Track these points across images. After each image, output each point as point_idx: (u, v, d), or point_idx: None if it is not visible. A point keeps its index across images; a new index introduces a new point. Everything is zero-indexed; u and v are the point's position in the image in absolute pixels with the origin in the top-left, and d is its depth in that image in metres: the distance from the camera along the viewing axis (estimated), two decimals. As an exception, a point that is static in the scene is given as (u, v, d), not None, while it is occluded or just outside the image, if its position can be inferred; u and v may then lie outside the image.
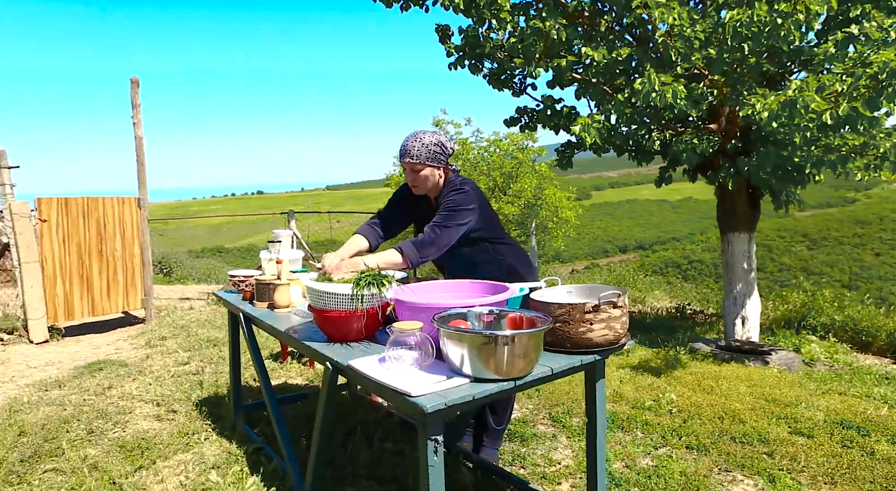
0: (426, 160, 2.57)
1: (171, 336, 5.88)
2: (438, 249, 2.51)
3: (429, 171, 2.60)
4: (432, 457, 1.70)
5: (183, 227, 69.47)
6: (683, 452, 3.09)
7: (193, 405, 3.71)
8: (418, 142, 2.57)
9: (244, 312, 2.90)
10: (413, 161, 2.57)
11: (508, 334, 1.74)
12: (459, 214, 2.56)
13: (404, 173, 2.66)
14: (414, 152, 2.56)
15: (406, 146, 2.58)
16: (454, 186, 2.64)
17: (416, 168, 2.59)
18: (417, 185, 2.65)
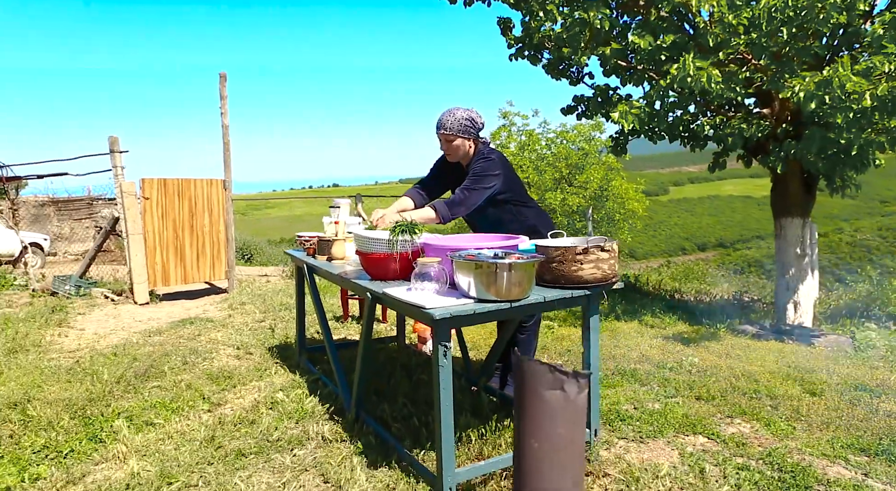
0: (458, 132, 3.00)
1: (249, 302, 6.64)
2: (466, 209, 2.97)
3: (460, 142, 3.03)
4: (442, 359, 2.16)
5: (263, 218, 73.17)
6: (691, 401, 3.40)
7: (266, 349, 4.36)
8: (451, 116, 3.00)
9: (308, 264, 3.48)
10: (447, 132, 3.01)
11: (507, 263, 2.17)
12: (485, 179, 3.00)
13: (440, 144, 3.11)
14: (448, 125, 3.00)
15: (441, 120, 3.02)
16: (482, 155, 3.06)
17: (449, 138, 3.02)
18: (451, 153, 3.09)
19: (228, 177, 7.67)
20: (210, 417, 3.06)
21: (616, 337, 4.98)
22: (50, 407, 3.13)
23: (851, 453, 2.71)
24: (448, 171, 3.28)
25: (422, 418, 2.92)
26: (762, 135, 6.18)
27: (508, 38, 7.93)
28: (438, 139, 3.10)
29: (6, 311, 6.08)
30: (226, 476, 2.43)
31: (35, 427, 2.91)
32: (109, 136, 7.11)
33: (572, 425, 0.99)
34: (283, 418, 2.99)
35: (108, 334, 5.15)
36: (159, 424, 2.95)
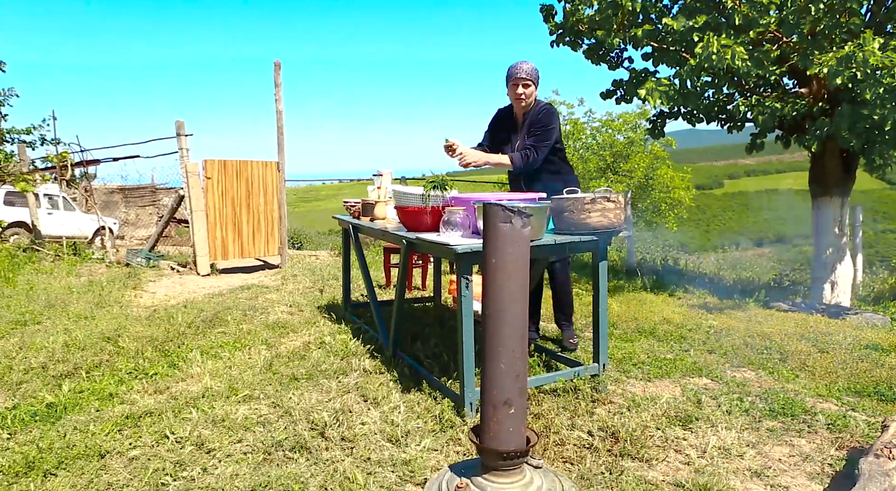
0: (534, 78, 3.35)
1: (301, 274, 7.18)
2: (535, 163, 3.36)
3: (533, 88, 3.37)
4: (464, 290, 2.53)
5: (313, 210, 75.20)
6: (703, 354, 3.65)
7: (316, 307, 4.83)
8: (527, 64, 3.36)
9: (353, 224, 3.90)
10: (525, 78, 3.32)
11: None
12: (551, 133, 3.38)
13: (511, 92, 3.39)
14: (526, 70, 3.33)
15: (518, 67, 3.34)
16: (543, 106, 3.42)
17: (526, 83, 3.33)
18: (524, 98, 3.36)
19: (282, 159, 8.23)
20: (268, 352, 3.53)
21: (643, 304, 5.22)
22: (136, 341, 3.67)
23: (846, 395, 2.94)
24: (500, 129, 3.60)
25: (450, 355, 3.30)
26: (797, 113, 6.25)
27: (550, 24, 8.17)
28: (513, 86, 3.37)
29: (90, 277, 6.80)
30: (281, 392, 2.87)
31: (125, 355, 3.45)
32: (176, 121, 7.77)
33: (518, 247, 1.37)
34: (330, 355, 3.43)
35: (177, 296, 5.75)
36: (226, 357, 3.44)
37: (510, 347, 1.43)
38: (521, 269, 1.42)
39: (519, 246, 1.37)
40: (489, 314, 1.47)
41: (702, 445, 2.33)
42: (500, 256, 1.39)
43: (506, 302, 1.44)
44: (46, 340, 3.69)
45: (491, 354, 1.50)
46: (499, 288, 1.44)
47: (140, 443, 2.32)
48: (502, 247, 1.38)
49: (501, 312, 1.45)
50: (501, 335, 1.43)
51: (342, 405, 2.71)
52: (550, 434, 2.40)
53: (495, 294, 1.46)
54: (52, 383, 3.03)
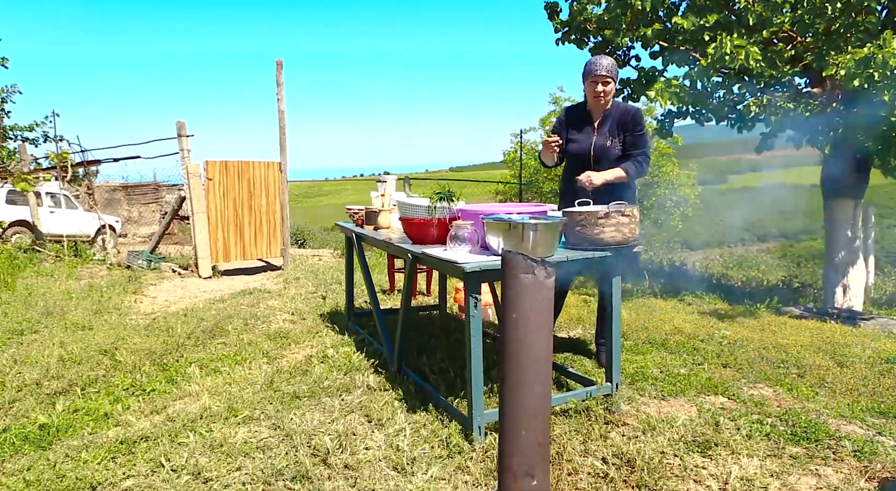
0: (614, 75, 3.13)
1: (303, 277, 7.08)
2: (646, 171, 3.25)
3: (612, 85, 3.15)
4: (472, 310, 2.42)
5: (316, 206, 75.09)
6: (717, 368, 3.53)
7: (318, 315, 4.73)
8: (605, 60, 3.11)
9: (356, 233, 3.79)
10: (605, 75, 3.09)
11: (531, 223, 2.40)
12: (646, 138, 3.24)
13: (589, 89, 3.17)
14: (607, 66, 3.09)
15: (597, 63, 3.10)
16: (630, 106, 3.27)
17: (607, 81, 3.11)
18: (604, 96, 3.14)
19: (284, 160, 8.11)
20: (269, 367, 3.42)
21: (652, 312, 5.10)
22: (134, 354, 3.57)
23: (870, 416, 2.81)
24: (573, 129, 3.32)
25: (457, 371, 3.19)
26: (809, 114, 6.11)
27: (555, 22, 8.03)
28: (591, 84, 3.14)
29: (90, 281, 6.71)
30: (282, 413, 2.77)
31: (122, 370, 3.35)
32: (177, 121, 7.66)
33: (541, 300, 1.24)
34: (333, 370, 3.32)
35: (178, 301, 5.65)
36: (225, 371, 3.34)
37: (533, 412, 1.30)
38: (545, 323, 1.28)
39: (543, 299, 1.23)
40: (508, 373, 1.32)
41: (723, 474, 2.21)
42: (521, 311, 1.25)
43: (528, 360, 1.29)
44: (41, 353, 3.59)
45: (510, 419, 1.35)
46: (519, 345, 1.29)
47: (134, 472, 2.21)
48: (524, 300, 1.24)
49: (523, 372, 1.32)
50: (523, 399, 1.31)
51: (345, 427, 2.61)
52: (563, 463, 2.29)
53: (516, 352, 1.31)
54: (46, 402, 2.93)
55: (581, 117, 3.30)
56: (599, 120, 3.24)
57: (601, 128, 3.22)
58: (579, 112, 3.32)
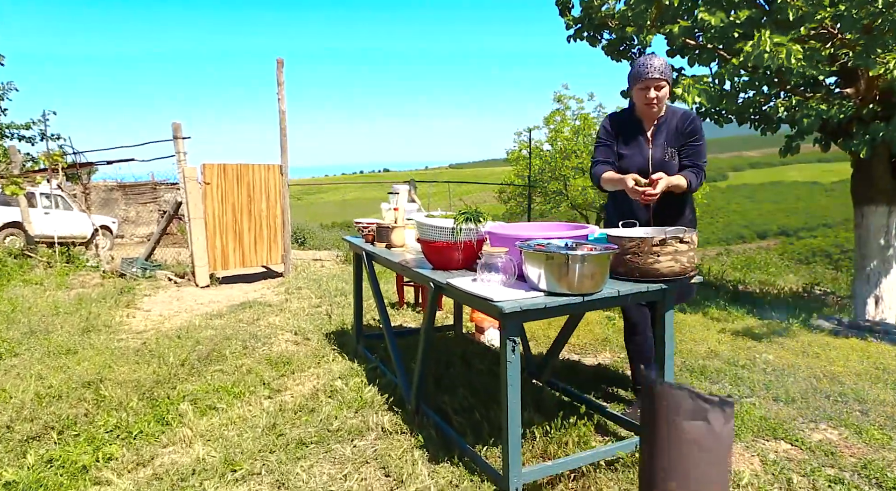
0: (669, 77, 2.65)
1: (305, 286, 6.72)
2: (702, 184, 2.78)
3: (667, 89, 2.67)
4: (510, 354, 2.06)
5: (316, 203, 74.65)
6: (769, 402, 3.18)
7: (323, 335, 4.37)
8: (656, 59, 2.63)
9: (366, 251, 3.43)
10: (660, 77, 2.62)
11: (579, 255, 2.04)
12: (705, 148, 2.79)
13: (639, 96, 2.71)
14: (661, 68, 2.61)
15: (648, 64, 2.62)
16: (686, 112, 2.79)
17: (660, 84, 2.64)
18: (658, 102, 2.68)
19: (285, 162, 7.75)
20: (271, 403, 3.07)
21: (680, 330, 4.75)
22: (120, 387, 3.21)
23: (957, 467, 2.46)
24: (621, 140, 2.84)
25: (483, 411, 2.84)
26: (843, 116, 5.74)
27: (567, 18, 7.65)
28: (642, 89, 2.68)
29: (80, 291, 6.35)
30: (287, 465, 2.42)
31: (107, 407, 2.99)
32: (173, 123, 7.29)
33: (716, 464, 0.85)
34: (343, 407, 2.97)
35: (173, 316, 5.29)
36: (222, 409, 2.98)
37: None
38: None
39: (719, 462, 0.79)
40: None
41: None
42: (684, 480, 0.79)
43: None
44: (17, 387, 3.23)
45: None
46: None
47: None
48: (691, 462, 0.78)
49: None
50: None
51: (360, 485, 2.26)
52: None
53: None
54: (16, 450, 2.57)
55: (630, 127, 2.83)
56: (653, 129, 2.79)
57: (656, 138, 2.77)
58: (627, 120, 2.84)
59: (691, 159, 2.75)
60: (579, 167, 21.22)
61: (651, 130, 2.80)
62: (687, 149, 2.76)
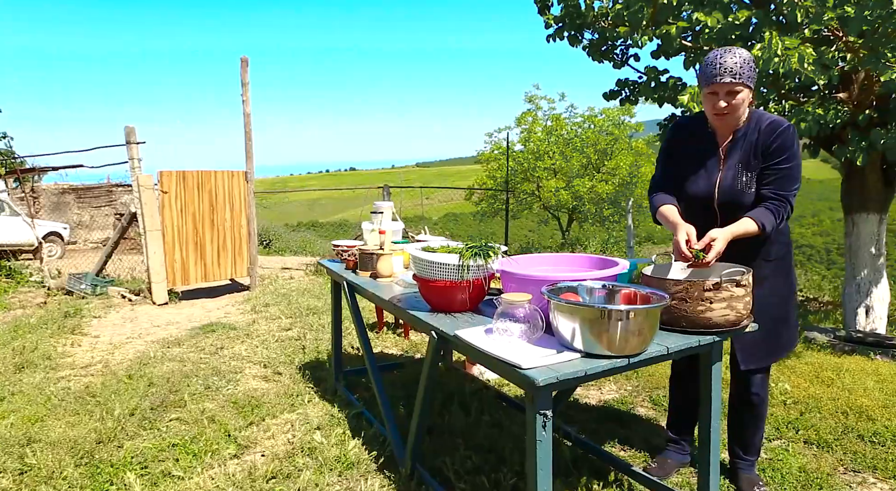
0: (748, 80, 2.02)
1: (273, 303, 6.21)
2: (787, 219, 2.14)
3: (746, 94, 2.06)
4: (540, 432, 1.65)
5: (281, 203, 73.29)
6: (801, 447, 2.86)
7: (297, 368, 3.90)
8: (737, 57, 2.01)
9: (348, 281, 2.98)
10: (735, 81, 2.00)
11: (623, 309, 1.65)
12: (799, 167, 2.11)
13: (707, 103, 2.12)
14: (737, 69, 1.99)
15: (719, 63, 2.01)
16: (774, 121, 2.11)
17: (735, 89, 2.03)
18: (730, 112, 2.08)
19: (250, 168, 7.20)
20: (238, 466, 2.60)
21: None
22: (53, 450, 2.69)
23: None
24: (686, 155, 2.28)
25: (490, 475, 2.43)
26: (840, 121, 5.53)
27: (547, 17, 7.31)
28: (710, 96, 2.09)
29: (18, 314, 5.71)
30: (260, 559, 1.97)
31: (34, 479, 2.47)
32: (125, 127, 6.67)
33: None
34: (324, 470, 2.52)
35: (124, 344, 4.73)
36: (178, 477, 2.50)
37: None
38: None
39: None
40: None
41: None
42: None
43: None
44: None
45: None
46: None
47: None
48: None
49: None
50: None
51: None
52: None
53: None
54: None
55: (701, 139, 2.23)
56: (727, 144, 2.19)
57: (729, 157, 2.17)
58: (698, 131, 2.24)
59: (773, 188, 2.09)
60: (552, 168, 21.07)
61: (725, 145, 2.19)
62: (770, 173, 2.10)
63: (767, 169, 2.11)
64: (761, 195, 2.12)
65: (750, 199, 2.14)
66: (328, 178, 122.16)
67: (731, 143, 2.18)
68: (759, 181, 2.13)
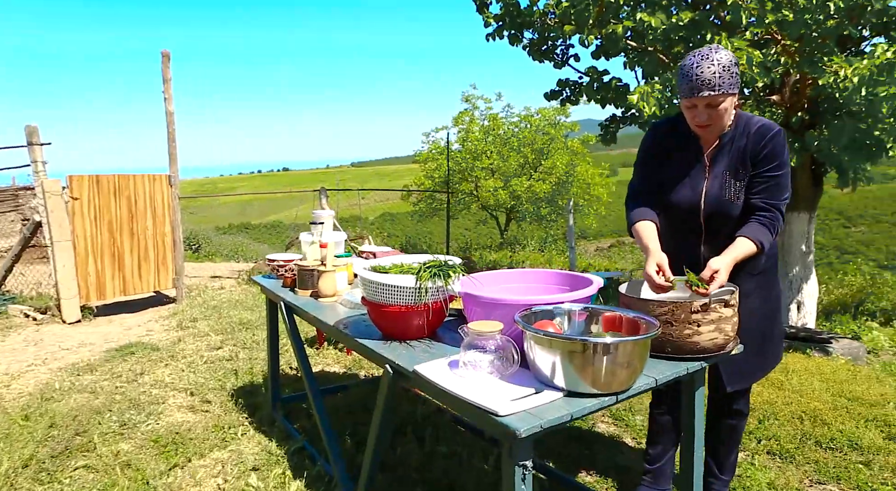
0: (730, 88, 1.83)
1: (202, 317, 5.72)
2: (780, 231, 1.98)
3: (730, 101, 1.88)
4: (520, 485, 1.42)
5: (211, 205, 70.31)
6: (766, 459, 2.79)
7: (228, 395, 3.51)
8: (716, 65, 1.80)
9: (285, 302, 2.66)
10: (715, 93, 1.82)
11: (611, 342, 1.44)
12: (788, 175, 1.95)
13: (689, 116, 1.94)
14: (715, 80, 1.80)
15: (701, 75, 1.80)
16: (768, 129, 1.92)
17: (716, 101, 1.84)
18: (712, 123, 1.90)
19: (174, 172, 6.64)
20: (158, 523, 2.23)
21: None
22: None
23: None
24: (667, 162, 2.08)
25: (453, 518, 2.18)
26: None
27: (486, 16, 7.16)
28: (690, 109, 1.91)
29: None
30: None
31: None
32: (26, 126, 5.99)
33: None
34: (262, 522, 2.19)
35: (24, 373, 4.16)
36: (85, 543, 2.11)
37: None
38: None
39: None
40: None
41: None
42: None
43: None
44: None
45: None
46: None
47: None
48: None
49: None
50: None
51: None
52: None
53: None
54: None
55: (683, 144, 2.04)
56: (713, 149, 2.00)
57: (715, 164, 1.99)
58: (679, 134, 2.05)
59: (764, 198, 1.92)
60: (489, 168, 21.09)
61: (710, 151, 2.00)
62: (760, 181, 1.92)
63: (757, 177, 1.94)
64: (751, 206, 1.95)
65: (738, 210, 1.96)
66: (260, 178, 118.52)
67: (717, 148, 1.99)
68: (747, 190, 1.96)
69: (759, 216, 1.92)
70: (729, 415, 2.24)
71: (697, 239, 2.02)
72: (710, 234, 2.00)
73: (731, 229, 1.95)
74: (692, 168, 2.02)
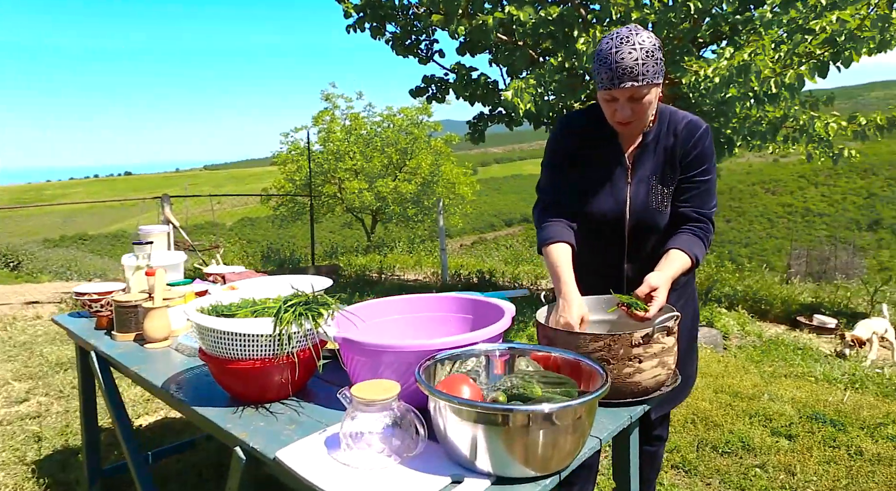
0: (654, 78, 1.50)
1: (5, 359, 4.60)
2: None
3: (655, 92, 1.55)
4: None
5: (35, 214, 61.37)
6: (672, 476, 2.63)
7: (30, 472, 2.68)
8: (639, 50, 1.47)
9: (98, 351, 1.98)
10: (639, 84, 1.48)
11: (541, 411, 1.04)
12: (715, 184, 1.71)
13: (604, 105, 1.60)
14: (639, 69, 1.46)
15: (622, 63, 1.46)
16: (696, 126, 1.65)
17: (640, 93, 1.51)
18: (636, 119, 1.57)
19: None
20: None
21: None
22: None
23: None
24: (582, 162, 1.73)
25: None
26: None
27: (345, 5, 6.66)
28: (609, 102, 1.57)
29: None
30: None
31: None
32: None
33: None
34: None
35: None
36: None
37: None
38: None
39: None
40: None
41: None
42: None
43: None
44: None
45: None
46: None
47: None
48: None
49: None
50: None
51: None
52: None
53: None
54: None
55: (599, 142, 1.70)
56: (635, 149, 1.69)
57: (639, 167, 1.69)
58: (593, 130, 1.70)
59: (693, 206, 1.67)
60: (353, 169, 20.46)
61: (632, 151, 1.69)
62: (690, 186, 1.66)
63: (686, 182, 1.67)
64: (679, 215, 1.68)
65: (665, 219, 1.69)
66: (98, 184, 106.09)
67: (640, 148, 1.68)
68: (674, 197, 1.69)
69: (691, 227, 1.66)
70: (648, 442, 2.00)
71: (620, 254, 1.72)
72: (633, 249, 1.71)
73: (656, 243, 1.68)
74: (612, 172, 1.70)
